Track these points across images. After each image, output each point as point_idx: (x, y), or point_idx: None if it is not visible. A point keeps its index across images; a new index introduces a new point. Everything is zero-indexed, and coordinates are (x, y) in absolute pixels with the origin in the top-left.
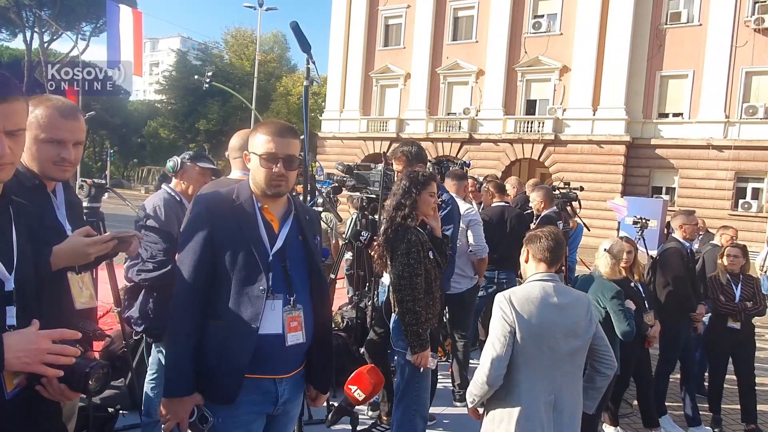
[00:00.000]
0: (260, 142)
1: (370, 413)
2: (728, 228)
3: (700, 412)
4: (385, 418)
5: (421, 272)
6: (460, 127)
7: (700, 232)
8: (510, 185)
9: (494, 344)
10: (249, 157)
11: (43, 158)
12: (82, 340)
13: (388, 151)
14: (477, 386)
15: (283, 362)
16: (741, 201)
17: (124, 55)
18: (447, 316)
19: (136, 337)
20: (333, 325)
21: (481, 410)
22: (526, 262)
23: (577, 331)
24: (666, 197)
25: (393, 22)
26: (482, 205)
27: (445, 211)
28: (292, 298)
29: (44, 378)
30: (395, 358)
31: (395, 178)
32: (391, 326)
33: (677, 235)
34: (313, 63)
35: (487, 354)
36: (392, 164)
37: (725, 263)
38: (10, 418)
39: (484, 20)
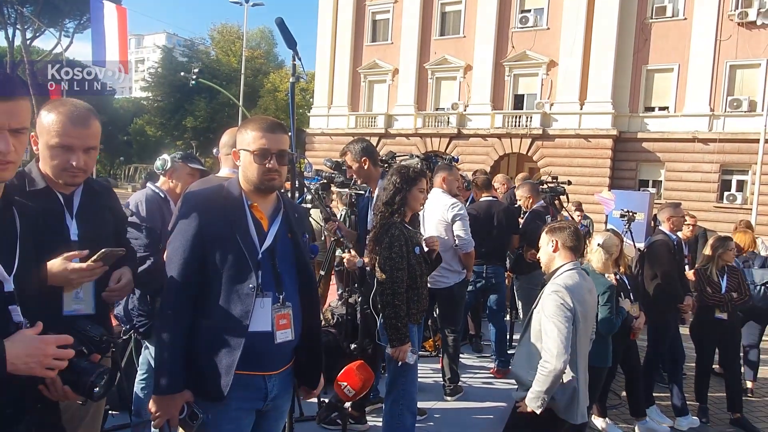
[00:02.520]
0: (251, 138)
1: None
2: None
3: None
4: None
5: (402, 267)
6: (448, 122)
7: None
8: (498, 183)
9: (560, 330)
10: (239, 154)
11: (54, 163)
12: (88, 344)
13: (376, 146)
14: (550, 378)
15: (272, 359)
16: (726, 193)
17: (109, 52)
18: (437, 311)
19: (124, 337)
20: (323, 322)
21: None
22: (555, 251)
23: (596, 307)
24: (653, 190)
25: (380, 17)
26: (468, 201)
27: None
28: (281, 296)
29: (48, 379)
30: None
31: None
32: (379, 321)
33: (664, 227)
34: (299, 59)
35: (555, 341)
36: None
37: (726, 258)
38: (5, 415)
39: (471, 15)
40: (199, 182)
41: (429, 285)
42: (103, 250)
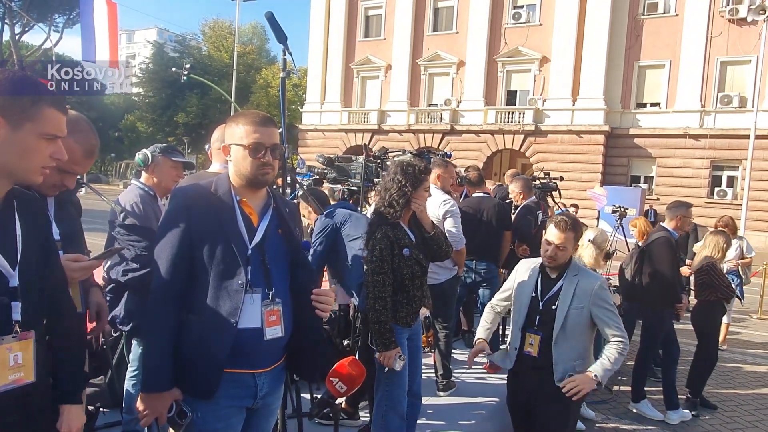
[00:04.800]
0: (244, 132)
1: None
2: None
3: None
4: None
5: (383, 270)
6: (441, 118)
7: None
8: None
9: (618, 316)
10: (229, 149)
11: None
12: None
13: (369, 143)
14: (623, 356)
15: (262, 356)
16: (717, 189)
17: (99, 51)
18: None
19: (115, 334)
20: None
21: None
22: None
23: None
24: (644, 186)
25: (373, 12)
26: (462, 197)
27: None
28: (270, 292)
29: None
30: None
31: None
32: None
33: (668, 224)
34: (290, 54)
35: (621, 326)
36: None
37: (726, 252)
38: (3, 416)
39: (464, 11)
40: (189, 178)
41: None
42: (109, 249)
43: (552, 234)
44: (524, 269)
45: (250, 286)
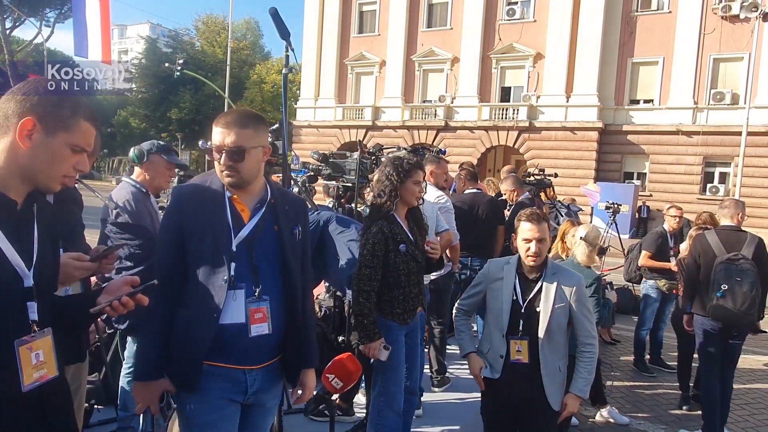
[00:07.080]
0: (213, 133)
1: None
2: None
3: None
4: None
5: (372, 265)
6: (435, 114)
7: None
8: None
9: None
10: None
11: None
12: None
13: (364, 139)
14: (594, 360)
15: (248, 353)
16: (709, 185)
17: (92, 50)
18: None
19: (109, 331)
20: None
21: None
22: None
23: None
24: (637, 182)
25: (367, 8)
26: (450, 189)
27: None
28: (257, 290)
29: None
30: None
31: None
32: None
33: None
34: (292, 50)
35: (594, 324)
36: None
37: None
38: (23, 412)
39: (458, 7)
40: (197, 177)
41: None
42: (107, 248)
43: (528, 230)
44: (496, 270)
45: (233, 282)
